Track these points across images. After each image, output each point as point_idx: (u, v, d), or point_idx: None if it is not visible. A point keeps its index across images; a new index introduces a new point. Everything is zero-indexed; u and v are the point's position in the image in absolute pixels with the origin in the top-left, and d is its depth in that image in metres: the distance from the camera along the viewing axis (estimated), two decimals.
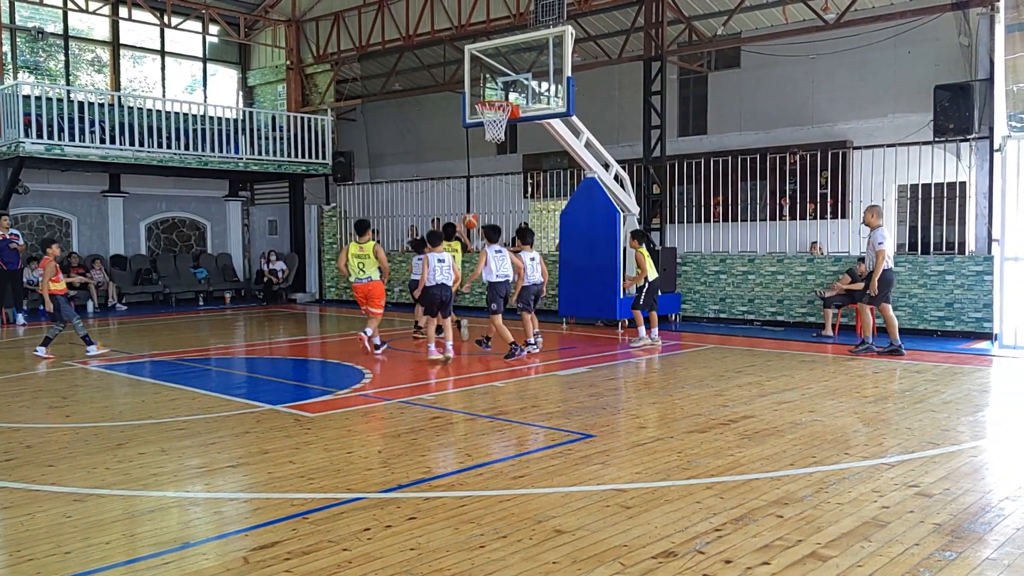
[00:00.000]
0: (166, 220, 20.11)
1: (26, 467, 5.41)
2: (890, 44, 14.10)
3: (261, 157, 18.82)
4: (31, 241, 16.85)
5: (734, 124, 16.85)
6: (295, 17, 21.00)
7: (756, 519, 4.28)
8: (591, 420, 6.66)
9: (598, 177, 12.92)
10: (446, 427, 6.51)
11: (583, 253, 13.02)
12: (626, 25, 15.78)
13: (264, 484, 5.04)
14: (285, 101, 21.25)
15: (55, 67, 19.37)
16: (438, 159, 20.72)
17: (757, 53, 15.84)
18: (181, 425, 6.66)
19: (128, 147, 16.55)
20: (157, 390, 8.23)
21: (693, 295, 14.28)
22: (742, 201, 14.60)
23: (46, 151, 15.36)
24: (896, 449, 5.71)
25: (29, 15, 18.76)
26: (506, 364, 9.69)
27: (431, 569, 3.65)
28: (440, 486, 4.93)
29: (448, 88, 17.98)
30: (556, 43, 11.34)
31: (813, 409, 7.01)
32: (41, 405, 7.53)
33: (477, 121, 11.86)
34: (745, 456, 5.51)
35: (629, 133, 17.02)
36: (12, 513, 4.51)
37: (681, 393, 7.85)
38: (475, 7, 16.90)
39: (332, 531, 4.13)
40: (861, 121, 15.18)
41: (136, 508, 4.62)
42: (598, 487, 4.88)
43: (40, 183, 17.16)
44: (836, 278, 12.57)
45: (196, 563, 3.77)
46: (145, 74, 21.04)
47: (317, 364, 10.20)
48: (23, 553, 3.90)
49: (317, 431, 6.37)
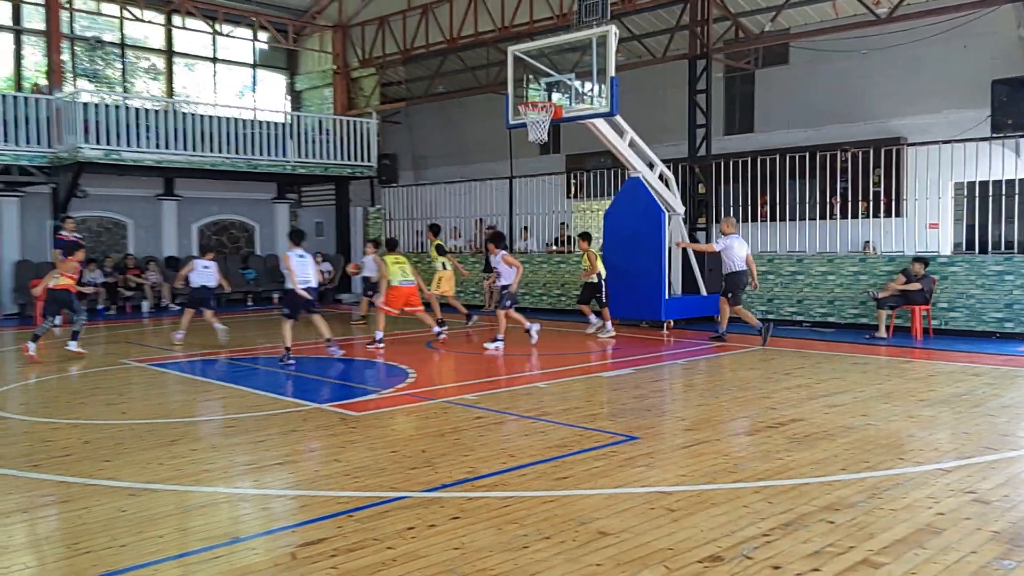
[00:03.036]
0: (217, 222, 20.51)
1: (83, 462, 5.56)
2: (944, 38, 13.75)
3: (308, 160, 19.08)
4: (90, 243, 17.34)
5: (782, 122, 16.59)
6: (341, 22, 21.27)
7: (806, 524, 4.20)
8: (635, 422, 6.61)
9: (643, 176, 12.82)
10: (489, 427, 6.52)
11: (627, 253, 12.93)
12: (671, 23, 15.65)
13: (310, 482, 5.11)
14: (332, 105, 21.55)
15: (112, 75, 19.91)
16: (481, 160, 20.79)
17: (806, 49, 15.58)
18: (231, 423, 6.79)
19: (181, 152, 16.92)
20: (208, 388, 8.39)
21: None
22: (790, 200, 14.37)
23: (104, 156, 15.77)
24: (952, 454, 5.56)
25: (88, 25, 19.32)
26: (551, 364, 9.68)
27: (474, 569, 3.66)
28: (483, 486, 4.93)
29: (491, 90, 18.03)
30: (600, 43, 11.30)
31: (866, 412, 6.86)
32: (98, 402, 7.74)
33: (520, 122, 11.87)
34: (794, 460, 5.41)
35: (674, 132, 16.86)
36: (70, 507, 4.63)
37: (727, 395, 7.74)
38: (518, 8, 16.92)
39: (377, 529, 4.17)
40: (915, 117, 14.83)
41: (188, 503, 4.72)
42: (643, 489, 4.84)
43: (98, 187, 17.63)
44: (890, 278, 12.28)
45: (245, 558, 3.84)
46: (197, 80, 21.51)
47: (361, 363, 10.31)
48: (80, 545, 4.01)
49: (362, 430, 6.44)
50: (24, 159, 15.72)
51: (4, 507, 4.63)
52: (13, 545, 4.10)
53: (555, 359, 10.28)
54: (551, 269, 16.55)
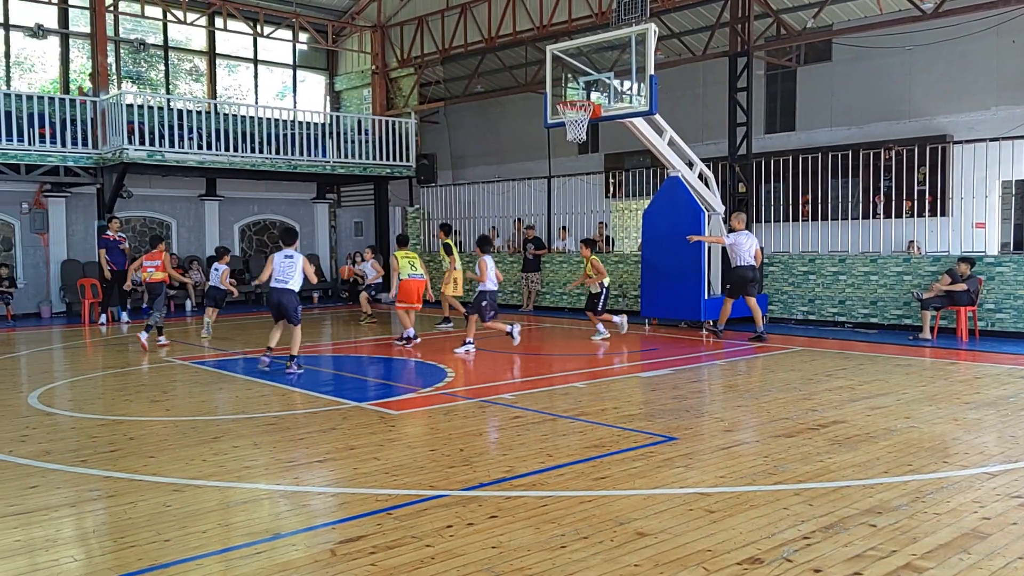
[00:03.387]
0: (258, 222, 20.82)
1: (129, 458, 5.68)
2: (992, 33, 13.44)
3: (347, 160, 19.26)
4: (134, 243, 17.71)
5: (824, 120, 16.35)
6: (380, 23, 21.43)
7: (847, 528, 4.14)
8: (674, 422, 6.57)
9: (682, 176, 12.72)
10: (527, 427, 6.53)
11: (666, 253, 12.85)
12: (711, 21, 15.51)
13: (350, 479, 5.16)
14: (370, 105, 21.72)
15: (156, 77, 20.29)
16: (520, 160, 20.81)
17: (849, 45, 15.33)
18: (272, 420, 6.89)
19: (223, 152, 17.19)
20: (249, 386, 8.52)
21: (780, 296, 13.91)
22: (832, 199, 14.15)
23: (148, 157, 16.09)
24: (999, 458, 5.44)
25: (132, 27, 19.71)
26: (589, 365, 9.66)
27: (512, 568, 3.67)
28: (521, 485, 4.94)
29: (530, 89, 18.03)
30: (639, 41, 11.24)
31: (909, 415, 6.74)
32: (143, 399, 7.90)
33: (559, 121, 11.86)
34: (835, 462, 5.34)
35: (714, 131, 16.73)
36: (116, 501, 4.74)
37: (767, 396, 7.66)
38: (557, 7, 16.90)
39: (415, 527, 4.20)
40: (961, 114, 14.52)
41: (230, 499, 4.79)
42: (681, 490, 4.81)
43: (142, 188, 18.01)
44: (934, 279, 12.03)
45: (286, 553, 3.89)
46: (239, 82, 21.83)
47: (400, 362, 10.39)
48: (126, 540, 4.10)
49: (401, 428, 6.49)
50: (70, 160, 16.10)
51: (53, 501, 4.76)
52: (61, 538, 4.21)
53: (593, 359, 10.25)
54: None
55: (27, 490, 4.95)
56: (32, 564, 3.82)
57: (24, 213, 17.10)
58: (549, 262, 17.00)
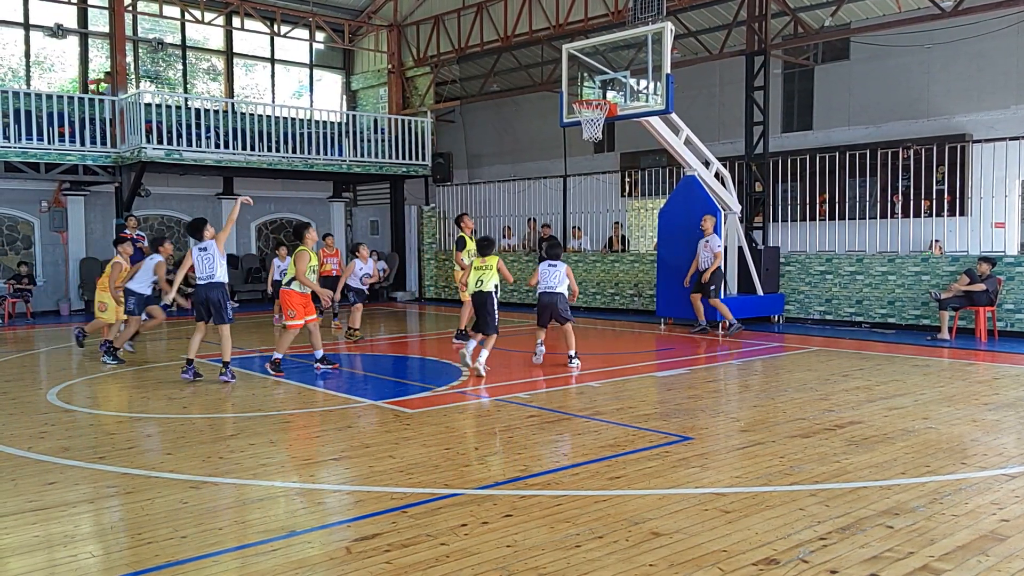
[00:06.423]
0: (274, 221, 20.91)
1: (147, 455, 5.73)
2: (1012, 32, 13.32)
3: (363, 159, 19.32)
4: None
5: (842, 119, 16.25)
6: (396, 22, 21.48)
7: (864, 529, 4.11)
8: (689, 422, 6.55)
9: (698, 175, 12.68)
10: (542, 426, 6.52)
11: (682, 252, 12.80)
12: (728, 19, 15.45)
13: (365, 477, 5.18)
14: (387, 104, 21.78)
15: (174, 76, 20.44)
16: (535, 159, 20.80)
17: (867, 44, 15.23)
18: (288, 418, 6.92)
19: (240, 151, 17.29)
20: (265, 384, 8.57)
21: (797, 296, 13.83)
22: (850, 198, 14.06)
23: (166, 156, 16.21)
24: (1018, 459, 5.39)
25: (150, 27, 19.86)
26: (604, 364, 9.65)
27: (527, 567, 3.67)
28: (536, 484, 4.94)
29: (545, 88, 18.02)
30: (655, 40, 11.20)
31: (927, 416, 6.68)
32: (161, 396, 7.96)
33: (574, 120, 11.84)
34: (852, 463, 5.30)
35: (731, 130, 16.66)
36: (134, 498, 4.78)
37: (783, 396, 7.62)
38: (573, 6, 16.88)
39: (430, 525, 4.21)
40: (981, 113, 14.38)
41: (246, 496, 4.82)
42: (696, 490, 4.79)
43: (160, 186, 18.14)
44: (952, 279, 11.93)
45: (302, 551, 3.91)
46: (256, 81, 21.94)
47: (416, 361, 10.40)
48: (143, 536, 4.13)
49: (416, 427, 6.50)
50: (89, 159, 16.24)
51: (71, 497, 4.80)
52: (80, 534, 4.25)
53: (608, 359, 10.24)
54: (604, 268, 16.47)
55: (46, 486, 5.00)
56: (50, 560, 3.86)
57: (43, 211, 17.27)
58: (565, 261, 16.95)
